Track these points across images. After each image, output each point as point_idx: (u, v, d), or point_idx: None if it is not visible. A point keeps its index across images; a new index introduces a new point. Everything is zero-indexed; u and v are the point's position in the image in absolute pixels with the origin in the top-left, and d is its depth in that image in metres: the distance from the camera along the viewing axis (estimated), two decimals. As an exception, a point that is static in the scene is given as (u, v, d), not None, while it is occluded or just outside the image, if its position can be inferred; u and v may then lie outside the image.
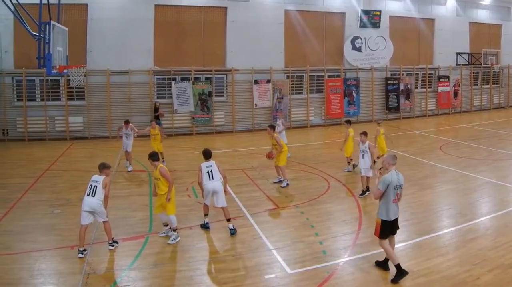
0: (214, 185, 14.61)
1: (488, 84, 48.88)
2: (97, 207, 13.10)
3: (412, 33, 43.63)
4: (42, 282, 11.37)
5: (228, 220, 14.78)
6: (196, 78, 35.13)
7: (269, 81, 36.88)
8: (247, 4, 36.49)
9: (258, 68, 36.63)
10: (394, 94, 41.93)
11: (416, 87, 43.54)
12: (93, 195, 13.10)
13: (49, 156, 26.82)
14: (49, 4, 21.33)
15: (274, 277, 11.59)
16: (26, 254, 12.90)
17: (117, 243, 13.65)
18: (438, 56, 44.70)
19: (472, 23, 46.67)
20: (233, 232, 14.53)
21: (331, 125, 38.90)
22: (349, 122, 24.23)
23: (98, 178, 13.41)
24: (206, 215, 15.12)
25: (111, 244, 13.48)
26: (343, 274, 11.75)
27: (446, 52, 44.80)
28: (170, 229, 14.23)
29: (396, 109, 42.15)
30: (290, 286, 11.30)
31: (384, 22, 41.19)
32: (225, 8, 36.10)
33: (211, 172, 14.66)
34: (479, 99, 48.34)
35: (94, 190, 13.13)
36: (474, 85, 47.84)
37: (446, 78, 44.65)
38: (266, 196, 18.77)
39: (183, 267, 12.28)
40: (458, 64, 45.79)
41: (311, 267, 12.04)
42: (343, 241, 13.82)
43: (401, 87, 42.09)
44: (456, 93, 45.51)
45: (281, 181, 20.39)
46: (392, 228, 11.40)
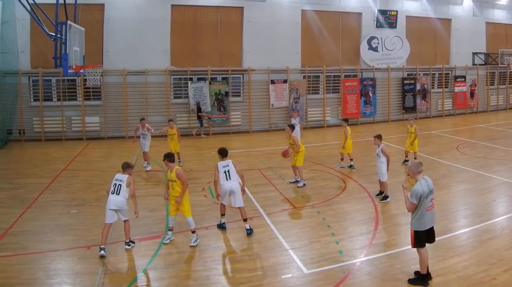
0: (232, 185, 14.36)
1: (504, 84, 47.73)
2: (121, 204, 13.15)
3: (428, 33, 42.67)
4: (59, 282, 11.22)
5: (244, 220, 14.55)
6: (212, 78, 34.58)
7: (285, 81, 36.26)
8: (264, 4, 35.80)
9: (275, 68, 36.02)
10: (411, 94, 41.03)
11: (432, 87, 42.63)
12: (117, 193, 13.13)
13: (65, 156, 26.47)
14: (65, 4, 21.16)
15: (290, 277, 11.44)
16: (42, 254, 12.70)
17: (133, 243, 13.47)
18: (455, 56, 43.69)
19: (488, 23, 45.50)
20: (249, 232, 14.30)
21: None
22: (346, 120, 24.36)
23: (122, 177, 13.41)
24: (222, 215, 14.93)
25: (128, 244, 13.33)
26: (360, 274, 11.54)
27: (462, 52, 43.79)
28: (170, 233, 13.98)
29: (412, 109, 41.19)
30: (307, 286, 11.12)
31: (400, 22, 40.31)
32: (241, 8, 35.48)
33: (228, 171, 14.41)
34: (496, 100, 47.16)
35: (118, 189, 13.16)
36: (491, 85, 46.61)
37: (463, 78, 43.66)
38: (283, 196, 18.51)
39: (200, 267, 12.14)
40: (474, 64, 44.70)
41: (328, 267, 11.86)
42: (360, 241, 13.64)
43: (417, 87, 41.22)
44: (472, 93, 44.44)
45: (297, 181, 20.08)
46: (428, 237, 10.86)
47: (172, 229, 13.98)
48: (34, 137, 31.35)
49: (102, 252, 12.54)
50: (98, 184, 19.87)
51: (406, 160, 23.60)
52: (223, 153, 14.75)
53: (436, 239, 11.09)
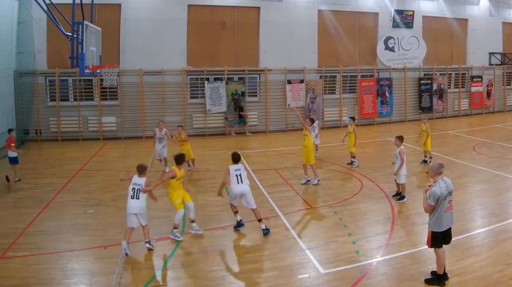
0: (243, 189, 14.30)
1: (521, 84, 46.78)
2: (141, 209, 13.00)
3: (445, 33, 41.65)
4: (75, 282, 11.11)
5: (259, 220, 14.34)
6: (229, 78, 34.01)
7: (302, 81, 35.57)
8: (280, 4, 35.12)
9: (291, 68, 35.34)
10: (427, 94, 40.10)
11: (449, 87, 41.59)
12: (137, 197, 12.96)
13: (82, 156, 26.15)
14: (82, 4, 20.80)
15: (307, 277, 11.26)
16: (59, 254, 12.59)
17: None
18: (471, 56, 42.62)
19: (505, 23, 44.23)
20: (265, 232, 14.08)
21: (365, 125, 37.23)
22: (353, 119, 24.44)
23: (140, 181, 13.17)
24: (236, 212, 14.70)
25: (149, 243, 13.06)
26: (376, 274, 11.35)
27: (479, 52, 42.61)
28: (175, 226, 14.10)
29: (429, 109, 40.23)
30: (323, 286, 10.96)
31: (417, 22, 39.46)
32: (258, 8, 34.85)
33: (240, 175, 14.36)
34: (513, 99, 46.35)
35: (137, 193, 12.97)
36: (507, 85, 45.32)
37: (479, 78, 42.58)
38: (299, 196, 18.24)
39: (216, 267, 11.98)
40: (491, 64, 43.52)
41: (344, 267, 11.68)
42: (376, 241, 13.40)
43: (434, 87, 40.28)
44: (489, 93, 43.36)
45: (308, 181, 19.77)
46: (445, 238, 10.62)
47: (193, 221, 14.27)
48: (51, 137, 30.96)
49: (125, 247, 12.48)
50: (114, 184, 19.49)
51: (424, 160, 23.15)
52: (236, 159, 14.72)
53: (452, 239, 10.90)
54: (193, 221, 14.23)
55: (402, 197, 17.09)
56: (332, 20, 37.02)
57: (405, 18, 39.04)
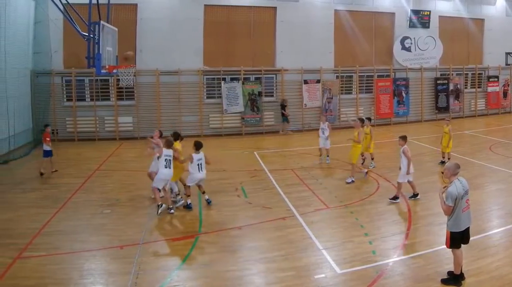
0: (203, 176, 16.27)
1: (537, 84, 45.57)
2: (170, 176, 16.02)
3: (461, 33, 40.69)
4: (92, 282, 11.06)
5: (203, 192, 16.81)
6: (245, 78, 33.32)
7: (318, 81, 34.79)
8: (297, 4, 34.38)
9: (308, 68, 34.55)
10: (444, 94, 39.17)
11: (465, 87, 40.65)
12: (169, 167, 15.66)
13: (98, 156, 25.82)
14: (98, 4, 20.46)
15: (323, 277, 11.18)
16: (75, 254, 12.53)
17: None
18: (488, 56, 41.61)
19: (522, 23, 43.50)
20: (209, 202, 16.70)
21: (381, 125, 36.57)
22: (369, 119, 23.71)
23: (169, 152, 15.77)
24: (188, 196, 16.44)
25: (172, 208, 15.81)
26: (393, 274, 11.23)
27: (495, 52, 41.61)
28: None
29: (445, 109, 39.24)
30: (340, 286, 10.88)
31: (433, 22, 38.58)
32: (274, 8, 34.13)
33: (201, 164, 16.11)
34: (529, 100, 45.09)
35: (169, 163, 15.62)
36: (524, 85, 44.43)
37: (496, 78, 41.60)
38: (316, 196, 17.92)
39: (233, 267, 11.84)
40: (507, 64, 42.38)
41: (361, 267, 11.58)
42: (393, 241, 13.29)
43: (450, 87, 39.38)
44: (505, 93, 42.26)
45: (353, 181, 19.60)
46: (463, 238, 10.54)
47: (178, 194, 17.08)
48: (67, 137, 30.48)
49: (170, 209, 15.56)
50: (131, 184, 19.47)
51: (443, 161, 22.47)
52: (198, 147, 16.13)
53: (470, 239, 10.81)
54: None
55: (396, 197, 16.85)
56: (348, 20, 36.22)
57: (421, 18, 38.20)
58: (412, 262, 11.76)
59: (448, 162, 13.99)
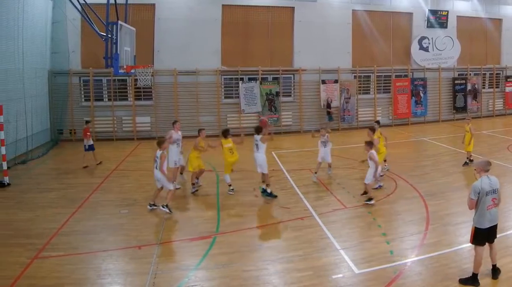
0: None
1: (555, 84, 44.52)
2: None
3: (479, 33, 39.66)
4: (109, 282, 10.97)
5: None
6: (263, 78, 32.73)
7: (336, 81, 34.01)
8: (315, 4, 33.74)
9: (326, 68, 33.89)
10: (462, 94, 38.18)
11: (483, 87, 39.64)
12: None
13: (116, 156, 25.68)
14: (116, 4, 20.39)
15: (341, 277, 11.05)
16: (93, 254, 12.45)
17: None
18: (506, 56, 40.54)
19: (540, 23, 42.29)
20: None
21: (399, 125, 35.98)
22: (378, 122, 22.55)
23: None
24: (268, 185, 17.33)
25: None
26: (411, 274, 11.05)
27: (513, 52, 40.58)
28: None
29: (463, 109, 38.26)
30: (358, 286, 10.69)
31: (451, 22, 37.67)
32: (292, 8, 33.55)
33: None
34: (547, 100, 44.03)
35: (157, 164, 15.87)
36: (542, 85, 43.39)
37: (514, 79, 40.50)
38: (333, 196, 17.69)
39: (250, 267, 11.70)
40: (526, 64, 41.52)
41: (378, 267, 11.43)
42: (411, 241, 13.06)
43: (468, 87, 38.37)
44: (524, 93, 41.60)
45: (381, 186, 18.70)
46: (488, 236, 10.35)
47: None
48: (86, 137, 30.19)
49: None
50: (148, 184, 18.91)
51: (466, 162, 21.96)
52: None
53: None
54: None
55: (370, 199, 16.55)
56: (366, 20, 35.50)
57: (439, 18, 37.29)
58: (430, 262, 11.55)
59: (480, 159, 13.66)
